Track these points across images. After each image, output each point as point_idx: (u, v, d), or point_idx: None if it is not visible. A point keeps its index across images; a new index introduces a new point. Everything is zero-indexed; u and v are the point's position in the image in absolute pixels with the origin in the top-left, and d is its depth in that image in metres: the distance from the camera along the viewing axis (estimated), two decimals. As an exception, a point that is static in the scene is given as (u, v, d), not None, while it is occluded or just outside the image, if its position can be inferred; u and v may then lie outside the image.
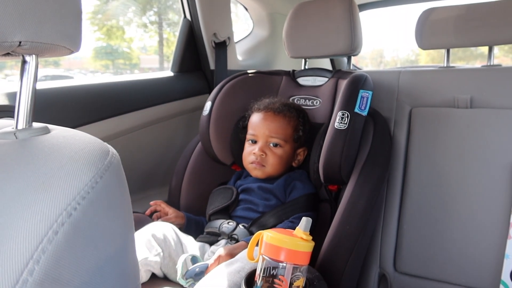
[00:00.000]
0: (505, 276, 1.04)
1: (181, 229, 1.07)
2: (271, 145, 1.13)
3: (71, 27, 0.44)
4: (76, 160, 0.34)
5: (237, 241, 1.02)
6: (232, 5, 1.78)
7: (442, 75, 1.27)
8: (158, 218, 1.13)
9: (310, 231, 0.75)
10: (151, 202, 1.14)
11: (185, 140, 1.52)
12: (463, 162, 1.16)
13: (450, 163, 1.17)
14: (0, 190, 0.31)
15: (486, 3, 1.29)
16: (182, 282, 0.88)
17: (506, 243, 1.06)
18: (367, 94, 1.08)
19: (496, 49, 1.31)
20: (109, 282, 0.32)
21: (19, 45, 0.39)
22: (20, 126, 0.41)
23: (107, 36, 2.54)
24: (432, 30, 1.34)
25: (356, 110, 1.06)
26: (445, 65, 1.39)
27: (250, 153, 1.14)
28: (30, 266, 0.27)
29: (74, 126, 1.13)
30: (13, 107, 0.42)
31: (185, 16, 1.65)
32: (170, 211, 1.13)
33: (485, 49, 1.33)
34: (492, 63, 1.32)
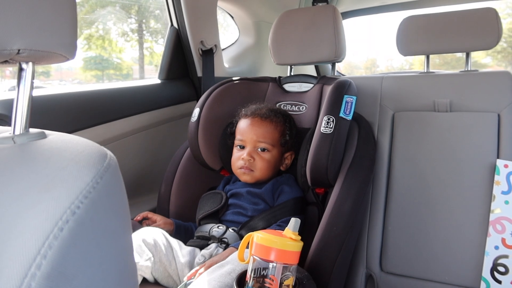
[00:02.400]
0: (485, 273, 1.08)
1: (170, 235, 1.08)
2: (259, 150, 1.15)
3: (67, 35, 0.46)
4: (76, 162, 0.35)
5: (227, 244, 1.04)
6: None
7: (423, 80, 1.32)
8: (147, 226, 1.13)
9: (298, 233, 0.77)
10: (137, 218, 1.14)
11: (174, 147, 1.53)
12: (444, 163, 1.20)
13: (431, 165, 1.21)
14: (4, 191, 0.32)
15: (463, 11, 1.34)
16: None
17: (486, 241, 1.10)
18: (351, 99, 1.11)
19: (489, 58, 1.37)
20: (110, 278, 0.34)
21: (18, 53, 0.41)
22: (17, 132, 0.43)
23: (87, 45, 2.53)
24: (412, 38, 1.39)
25: (341, 114, 1.09)
26: (425, 71, 1.44)
27: (238, 158, 1.16)
28: (38, 261, 0.28)
29: (66, 132, 1.13)
30: (6, 115, 0.43)
31: (172, 24, 1.67)
32: (158, 218, 1.14)
33: (478, 57, 1.38)
34: (469, 69, 1.37)
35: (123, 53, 2.69)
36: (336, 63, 1.47)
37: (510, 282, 1.05)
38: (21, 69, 0.44)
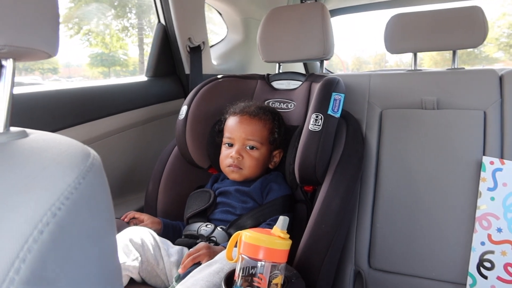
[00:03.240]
0: (472, 268, 1.10)
1: (158, 234, 1.07)
2: (248, 148, 1.14)
3: (49, 31, 0.44)
4: (58, 162, 0.34)
5: (215, 243, 1.03)
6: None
7: (410, 78, 1.33)
8: (134, 225, 1.12)
9: (287, 231, 0.77)
10: (124, 218, 1.12)
11: (161, 145, 1.51)
12: (431, 161, 1.21)
13: (419, 162, 1.22)
14: None
15: (449, 9, 1.35)
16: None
17: (472, 237, 1.11)
18: (339, 97, 1.11)
19: (501, 53, 1.38)
20: (93, 281, 0.33)
21: None
22: None
23: (87, 41, 2.49)
24: (399, 36, 1.39)
25: (329, 112, 1.09)
26: (412, 68, 1.44)
27: (227, 156, 1.15)
28: (16, 265, 0.27)
29: (49, 131, 1.11)
30: None
31: (159, 21, 1.65)
32: (146, 217, 1.12)
33: (490, 52, 1.39)
34: (456, 66, 1.38)
35: (123, 49, 2.66)
36: (342, 59, 1.46)
37: (496, 277, 1.07)
38: (1, 66, 0.43)
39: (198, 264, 0.89)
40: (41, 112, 1.15)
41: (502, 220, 1.08)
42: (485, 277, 1.08)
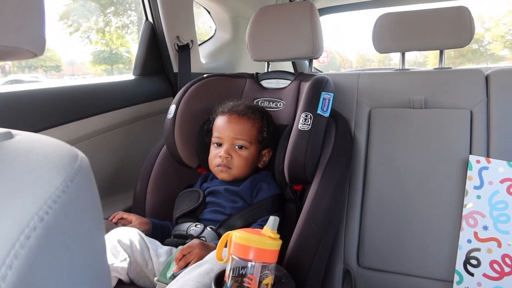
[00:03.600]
0: (458, 266, 1.11)
1: (146, 235, 1.06)
2: (237, 147, 1.14)
3: (35, 30, 0.43)
4: (45, 164, 0.33)
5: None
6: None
7: (398, 77, 1.34)
8: (123, 226, 1.11)
9: (277, 231, 0.76)
10: (112, 219, 1.10)
11: (150, 144, 1.50)
12: (419, 159, 1.22)
13: (407, 161, 1.24)
14: None
15: (437, 9, 1.37)
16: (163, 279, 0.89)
17: (459, 235, 1.13)
18: (328, 96, 1.12)
19: (506, 51, 1.40)
20: (82, 284, 0.32)
21: None
22: None
23: (87, 38, 2.45)
24: (387, 35, 1.40)
25: (319, 111, 1.09)
26: (400, 68, 1.46)
27: (216, 156, 1.14)
28: (3, 272, 0.26)
29: (34, 130, 1.09)
30: None
31: (147, 19, 1.63)
32: (134, 218, 1.11)
33: (495, 49, 1.41)
34: (443, 66, 1.40)
35: (125, 46, 2.63)
36: (343, 57, 1.46)
37: (482, 275, 1.08)
38: None
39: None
40: (26, 111, 1.12)
41: (488, 218, 1.10)
42: (472, 274, 1.10)
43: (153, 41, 1.63)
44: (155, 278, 0.92)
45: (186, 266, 0.89)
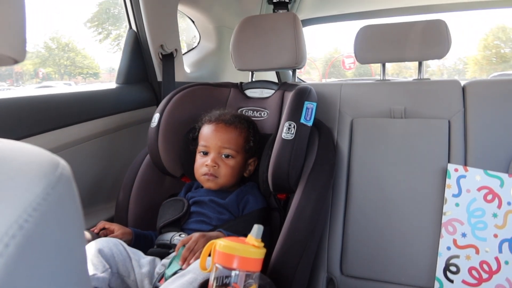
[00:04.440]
0: (439, 273, 1.13)
1: (129, 245, 1.05)
2: (223, 156, 1.14)
3: (15, 37, 0.43)
4: (26, 172, 0.33)
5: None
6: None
7: (379, 88, 1.37)
8: (104, 236, 1.09)
9: (263, 241, 0.76)
10: (93, 230, 1.09)
11: (132, 153, 1.48)
12: (399, 168, 1.25)
13: (388, 170, 1.26)
14: None
15: (415, 22, 1.41)
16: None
17: (439, 242, 1.15)
18: (311, 106, 1.13)
19: None
20: None
21: None
22: None
23: (117, 46, 2.44)
24: (368, 46, 1.44)
25: (302, 120, 1.10)
26: (381, 78, 1.49)
27: (202, 164, 1.14)
28: None
29: (15, 138, 1.06)
30: None
31: (130, 27, 1.62)
32: (116, 228, 1.09)
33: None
34: (422, 77, 1.44)
35: None
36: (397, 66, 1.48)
37: (461, 281, 1.10)
38: None
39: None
40: (5, 119, 1.10)
41: (466, 225, 1.13)
42: (451, 281, 1.12)
43: (137, 49, 1.62)
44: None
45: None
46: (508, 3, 2.03)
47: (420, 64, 1.44)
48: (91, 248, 0.94)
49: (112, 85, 1.58)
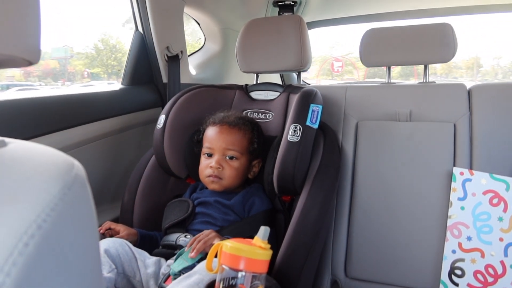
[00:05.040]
0: (444, 276, 1.13)
1: (134, 245, 1.05)
2: (227, 158, 1.14)
3: (30, 38, 0.43)
4: (41, 173, 0.33)
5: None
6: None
7: (384, 91, 1.37)
8: (110, 236, 1.09)
9: (268, 243, 0.77)
10: (101, 230, 1.09)
11: (138, 154, 1.49)
12: (405, 171, 1.25)
13: (393, 173, 1.26)
14: None
15: (421, 25, 1.41)
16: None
17: (444, 246, 1.15)
18: (317, 108, 1.13)
19: None
20: None
21: None
22: None
23: None
24: (373, 49, 1.44)
25: (308, 123, 1.10)
26: (386, 81, 1.49)
27: (206, 166, 1.15)
28: (1, 279, 0.26)
29: (21, 139, 1.07)
30: None
31: (137, 29, 1.63)
32: (122, 229, 1.10)
33: None
34: (427, 80, 1.44)
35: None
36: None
37: (466, 285, 1.10)
38: None
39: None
40: (12, 119, 1.11)
41: (472, 228, 1.13)
42: (456, 285, 1.11)
43: (143, 51, 1.63)
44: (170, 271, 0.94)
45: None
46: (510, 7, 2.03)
47: (425, 68, 1.44)
48: (97, 248, 0.95)
49: (118, 86, 1.59)
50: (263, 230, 0.75)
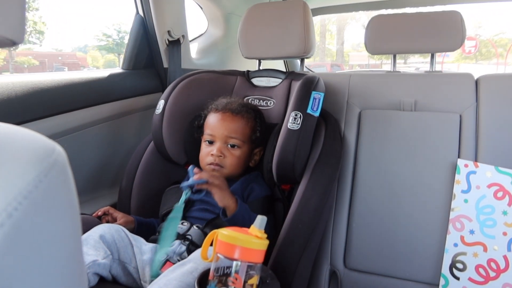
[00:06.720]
0: (444, 270, 1.11)
1: (131, 233, 1.04)
2: (229, 146, 1.12)
3: (14, 18, 0.41)
4: (18, 158, 0.31)
5: (190, 241, 1.00)
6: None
7: (389, 79, 1.34)
8: (107, 222, 1.08)
9: (266, 231, 0.75)
10: (96, 213, 1.09)
11: (137, 139, 1.47)
12: (408, 162, 1.22)
13: (395, 163, 1.23)
14: None
15: (429, 13, 1.37)
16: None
17: (446, 239, 1.13)
18: (319, 96, 1.11)
19: None
20: (53, 286, 0.31)
21: None
22: None
23: None
24: (379, 37, 1.40)
25: (309, 111, 1.08)
26: (391, 70, 1.46)
27: (207, 154, 1.12)
28: None
29: (16, 122, 1.06)
30: None
31: (137, 12, 1.60)
32: (119, 216, 1.09)
33: None
34: (434, 69, 1.40)
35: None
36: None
37: (467, 279, 1.09)
38: None
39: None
40: (11, 101, 1.09)
41: (475, 222, 1.10)
42: (457, 278, 1.10)
43: (144, 35, 1.60)
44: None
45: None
46: None
47: (432, 56, 1.40)
48: (93, 234, 0.94)
49: (118, 70, 1.57)
50: (260, 220, 0.74)
